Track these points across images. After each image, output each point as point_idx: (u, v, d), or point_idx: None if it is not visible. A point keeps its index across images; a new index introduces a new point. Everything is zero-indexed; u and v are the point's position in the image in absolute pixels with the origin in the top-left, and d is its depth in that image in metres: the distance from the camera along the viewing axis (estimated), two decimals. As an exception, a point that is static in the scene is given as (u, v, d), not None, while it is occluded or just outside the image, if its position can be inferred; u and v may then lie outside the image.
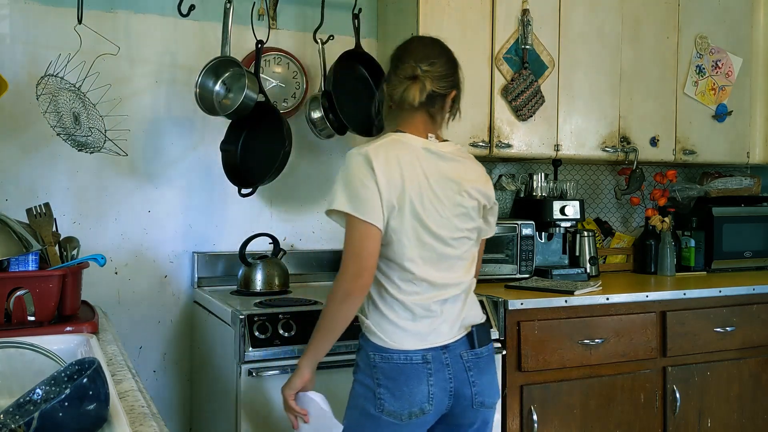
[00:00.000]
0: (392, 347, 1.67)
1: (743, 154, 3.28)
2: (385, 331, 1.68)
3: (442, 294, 1.71)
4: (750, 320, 2.78)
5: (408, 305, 1.68)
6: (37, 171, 2.43)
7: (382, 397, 1.66)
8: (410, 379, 1.65)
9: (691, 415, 2.66)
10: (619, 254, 3.38)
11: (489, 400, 1.75)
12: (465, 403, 1.71)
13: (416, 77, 1.70)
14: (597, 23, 2.91)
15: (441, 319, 1.70)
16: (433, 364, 1.67)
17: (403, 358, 1.66)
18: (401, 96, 1.70)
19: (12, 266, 1.75)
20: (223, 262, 2.66)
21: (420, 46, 1.77)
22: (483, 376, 1.73)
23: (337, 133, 2.64)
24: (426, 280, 1.69)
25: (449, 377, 1.69)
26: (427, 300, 1.69)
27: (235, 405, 2.05)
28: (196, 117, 2.60)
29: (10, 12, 2.39)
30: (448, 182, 1.71)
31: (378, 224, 1.63)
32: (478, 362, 1.73)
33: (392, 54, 1.80)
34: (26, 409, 1.10)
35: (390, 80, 1.75)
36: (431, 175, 1.69)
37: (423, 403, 1.65)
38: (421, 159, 1.69)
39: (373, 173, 1.62)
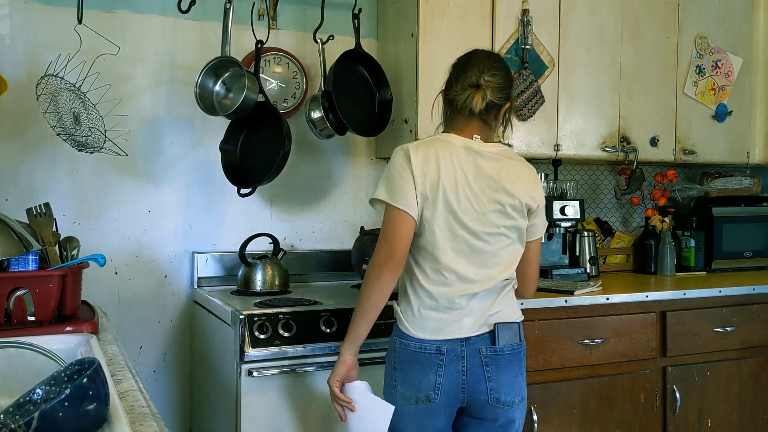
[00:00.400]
0: (411, 335, 1.78)
1: (743, 154, 3.28)
2: (408, 318, 1.80)
3: (470, 288, 1.77)
4: (750, 320, 2.78)
5: (434, 295, 1.76)
6: (37, 171, 2.43)
7: (397, 380, 1.79)
8: (420, 367, 1.75)
9: (691, 415, 2.66)
10: (619, 254, 3.38)
11: (505, 397, 1.78)
12: (481, 398, 1.77)
13: (479, 86, 1.80)
14: (597, 23, 2.91)
15: (464, 313, 1.77)
16: (447, 355, 1.74)
17: (418, 346, 1.76)
18: (464, 102, 1.81)
19: (12, 266, 1.74)
20: (223, 262, 2.66)
21: (484, 57, 1.87)
22: (502, 374, 1.77)
23: (337, 133, 2.64)
24: (455, 272, 1.76)
25: (462, 369, 1.75)
26: (453, 292, 1.76)
27: (235, 405, 2.05)
28: (196, 117, 2.60)
29: (10, 12, 2.39)
30: (486, 179, 1.79)
31: (411, 212, 1.74)
32: (498, 359, 1.77)
33: (455, 63, 1.91)
34: (26, 409, 1.10)
35: (451, 87, 1.86)
36: (469, 171, 1.78)
37: (429, 391, 1.74)
38: (460, 156, 1.78)
39: (410, 166, 1.75)
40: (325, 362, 2.10)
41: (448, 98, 1.88)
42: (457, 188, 1.76)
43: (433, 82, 2.61)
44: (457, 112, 1.84)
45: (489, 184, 1.78)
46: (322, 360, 2.10)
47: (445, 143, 1.80)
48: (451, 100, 1.85)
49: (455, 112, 1.85)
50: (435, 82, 2.60)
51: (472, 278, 1.77)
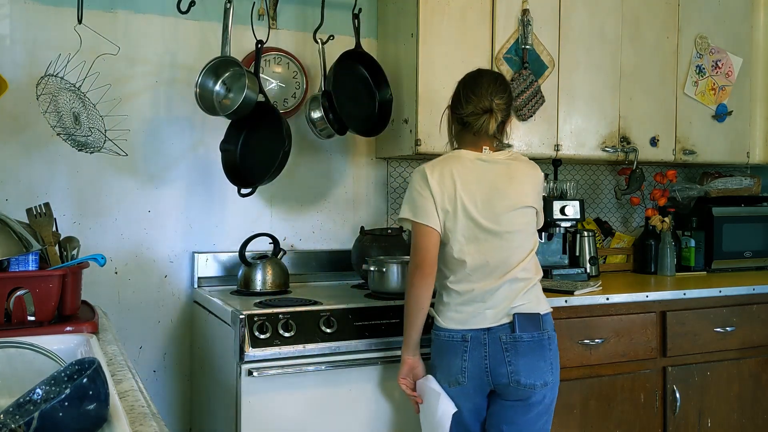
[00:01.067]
0: (442, 327, 1.99)
1: (743, 154, 3.28)
2: (440, 313, 2.01)
3: (492, 284, 1.95)
4: (750, 320, 2.78)
5: (461, 293, 1.97)
6: (37, 171, 2.43)
7: (435, 368, 2.01)
8: (449, 354, 1.96)
9: (691, 415, 2.66)
10: (619, 254, 3.38)
11: (525, 380, 1.93)
12: (503, 381, 1.94)
13: (492, 110, 1.97)
14: (597, 23, 2.91)
15: (487, 306, 1.95)
16: (471, 342, 1.94)
17: (447, 335, 1.97)
18: (480, 126, 1.98)
19: (12, 266, 1.74)
20: (223, 262, 2.66)
21: (492, 80, 2.03)
22: (521, 358, 1.93)
23: (337, 133, 2.64)
24: (479, 271, 1.95)
25: (485, 355, 1.94)
26: (478, 289, 1.95)
27: (235, 405, 2.05)
28: (196, 117, 2.60)
29: (10, 12, 2.39)
30: (497, 184, 1.97)
31: (433, 225, 1.95)
32: (517, 345, 1.94)
33: (463, 82, 2.06)
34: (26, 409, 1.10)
35: (460, 106, 2.01)
36: (484, 179, 1.97)
37: (457, 375, 1.95)
38: (475, 168, 1.98)
39: (428, 184, 1.95)
40: (326, 362, 2.10)
41: (458, 118, 2.03)
42: (474, 197, 1.95)
43: (433, 82, 2.61)
44: (467, 130, 2.02)
45: (501, 188, 1.97)
46: (322, 360, 2.10)
47: (458, 159, 1.99)
48: (464, 122, 2.01)
49: (466, 130, 2.03)
50: (435, 82, 2.60)
51: (494, 275, 1.96)
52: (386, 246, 2.63)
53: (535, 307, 1.98)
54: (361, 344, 2.14)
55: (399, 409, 2.21)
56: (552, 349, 1.99)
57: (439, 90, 2.61)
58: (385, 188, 2.97)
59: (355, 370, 2.14)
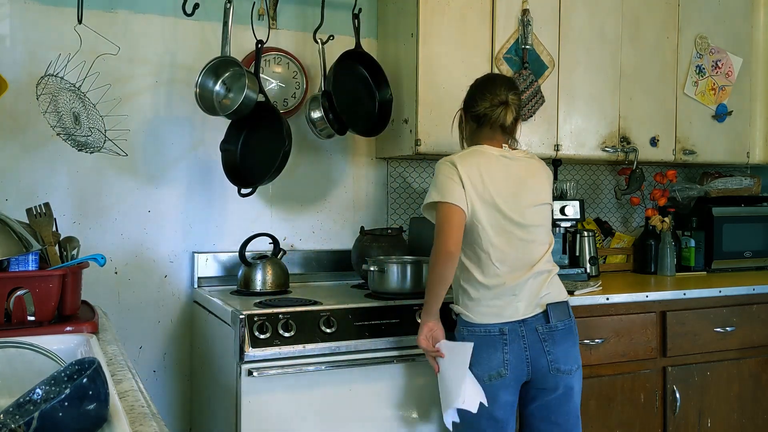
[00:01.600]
0: (475, 322, 2.01)
1: (743, 154, 3.28)
2: (470, 309, 2.03)
3: (520, 276, 2.01)
4: (750, 320, 2.78)
5: (490, 286, 2.00)
6: (37, 171, 2.43)
7: (470, 363, 1.97)
8: (488, 348, 1.99)
9: (691, 415, 2.66)
10: (619, 254, 3.37)
11: (564, 366, 2.02)
12: (543, 370, 2.01)
13: (508, 103, 2.07)
14: (597, 23, 2.91)
15: (518, 298, 2.00)
16: (509, 335, 1.99)
17: (484, 330, 2.00)
18: (497, 117, 2.07)
19: (12, 266, 1.74)
20: (223, 262, 2.66)
21: (504, 80, 2.17)
22: (557, 346, 2.02)
23: (337, 133, 2.64)
24: (506, 264, 2.00)
25: (524, 347, 1.99)
26: (506, 282, 2.00)
27: (235, 405, 2.05)
28: (196, 117, 2.60)
29: (10, 12, 2.39)
30: (520, 180, 2.06)
31: (461, 205, 1.98)
32: (553, 334, 2.02)
33: (476, 84, 2.16)
34: (26, 409, 1.10)
35: (476, 104, 2.10)
36: (509, 175, 2.05)
37: (499, 368, 1.98)
38: (499, 163, 2.05)
39: (458, 171, 1.99)
40: (325, 362, 2.10)
41: (474, 114, 2.11)
42: (501, 190, 2.01)
43: (433, 82, 2.61)
44: (484, 126, 2.10)
45: (523, 184, 2.05)
46: (322, 360, 2.10)
47: (482, 153, 2.06)
48: (479, 115, 2.09)
49: (482, 126, 2.11)
50: (435, 82, 2.60)
51: (520, 267, 2.02)
52: (386, 246, 2.63)
53: (560, 296, 2.08)
54: (361, 344, 2.14)
55: (399, 409, 2.21)
56: (577, 333, 2.11)
57: (439, 90, 2.62)
58: (385, 188, 2.97)
59: (355, 370, 2.14)
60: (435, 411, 2.25)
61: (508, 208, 2.01)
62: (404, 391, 2.21)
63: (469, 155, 2.06)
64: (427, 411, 2.25)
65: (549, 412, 2.06)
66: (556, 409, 2.06)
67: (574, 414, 2.08)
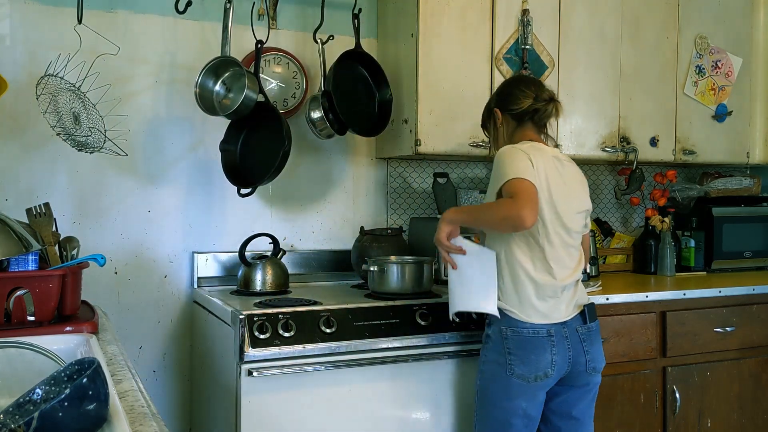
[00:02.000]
0: (523, 321, 1.99)
1: (743, 154, 3.28)
2: (517, 308, 2.00)
3: (566, 279, 2.02)
4: (750, 320, 2.78)
5: (540, 284, 1.99)
6: (37, 171, 2.43)
7: (512, 363, 1.99)
8: (537, 349, 1.98)
9: (691, 415, 2.66)
10: (619, 254, 3.37)
11: (599, 365, 2.09)
12: (580, 369, 2.04)
13: (554, 100, 2.11)
14: (597, 23, 2.91)
15: (561, 300, 2.02)
16: (555, 336, 2.00)
17: (532, 331, 1.99)
18: (549, 113, 2.10)
19: (12, 266, 1.74)
20: (223, 262, 2.66)
21: (535, 79, 2.24)
22: (593, 346, 2.07)
23: (337, 133, 2.64)
24: (558, 263, 2.01)
25: (568, 347, 2.01)
26: (556, 283, 2.00)
27: (235, 405, 2.05)
28: (196, 117, 2.60)
29: (10, 12, 2.39)
30: (570, 183, 2.06)
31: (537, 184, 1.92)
32: (590, 335, 2.06)
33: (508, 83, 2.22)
34: (26, 409, 1.10)
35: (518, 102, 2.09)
36: (563, 177, 2.03)
37: (546, 368, 1.99)
38: (554, 164, 2.03)
39: (531, 161, 1.95)
40: (325, 362, 2.10)
41: (516, 112, 2.10)
42: (558, 191, 2.00)
43: (433, 82, 2.61)
44: (526, 123, 2.11)
45: (571, 188, 2.06)
46: (322, 360, 2.10)
47: (540, 150, 2.02)
48: (523, 112, 2.09)
49: (523, 124, 2.11)
50: (435, 82, 2.60)
51: (568, 271, 2.03)
52: (386, 246, 2.63)
53: (586, 297, 2.13)
54: (360, 344, 2.14)
55: (399, 409, 2.21)
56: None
57: (439, 90, 2.62)
58: (385, 188, 2.97)
59: (354, 370, 2.14)
60: (435, 411, 2.25)
61: (561, 210, 2.00)
62: (404, 391, 2.21)
63: (533, 148, 2.01)
64: (427, 411, 2.25)
65: (570, 407, 2.09)
66: (575, 404, 2.09)
67: (591, 409, 2.13)
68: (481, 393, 2.07)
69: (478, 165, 3.12)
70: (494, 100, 2.20)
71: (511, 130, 2.14)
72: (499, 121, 2.15)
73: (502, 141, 2.16)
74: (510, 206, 1.86)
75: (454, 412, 2.28)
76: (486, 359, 2.06)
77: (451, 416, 2.28)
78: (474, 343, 2.26)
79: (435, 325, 2.23)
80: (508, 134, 2.14)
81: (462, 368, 2.28)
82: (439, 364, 2.25)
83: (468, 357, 2.27)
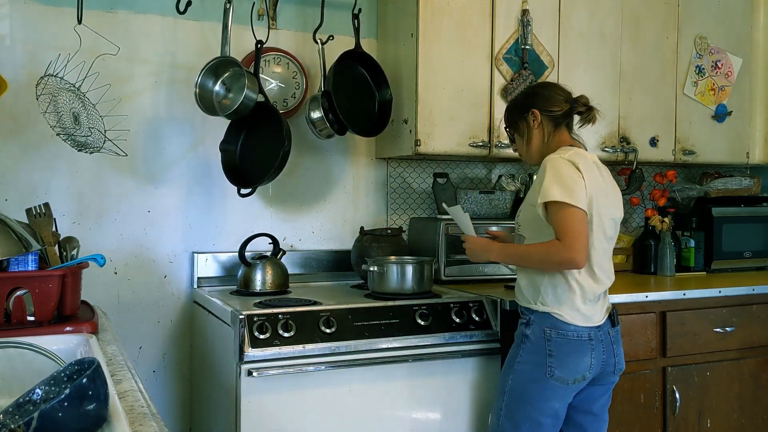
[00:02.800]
0: (569, 322, 1.99)
1: (743, 154, 3.28)
2: (563, 310, 2.00)
3: (606, 284, 2.06)
4: (750, 320, 2.78)
5: (585, 288, 2.00)
6: (37, 171, 2.43)
7: (553, 366, 1.99)
8: (578, 352, 2.00)
9: (691, 415, 2.66)
10: (619, 254, 3.37)
11: (623, 366, 2.13)
12: (609, 370, 2.07)
13: (593, 107, 2.14)
14: (597, 23, 2.91)
15: (599, 305, 2.06)
16: (594, 340, 2.02)
17: (576, 334, 2.00)
18: (593, 117, 2.14)
19: (12, 266, 1.74)
20: (222, 262, 2.66)
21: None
22: (619, 348, 2.11)
23: (337, 133, 2.64)
24: (602, 269, 2.03)
25: (603, 350, 2.04)
26: (599, 288, 2.03)
27: (235, 405, 2.05)
28: (196, 117, 2.60)
29: (10, 12, 2.39)
30: (608, 190, 2.07)
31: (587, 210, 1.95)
32: (617, 337, 2.11)
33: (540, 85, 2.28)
34: (26, 409, 1.10)
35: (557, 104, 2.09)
36: (603, 183, 2.05)
37: (585, 372, 2.01)
38: (596, 170, 2.05)
39: (580, 172, 1.96)
40: (325, 362, 2.10)
41: (556, 115, 2.09)
42: (602, 198, 2.01)
43: (433, 82, 2.61)
44: (562, 128, 2.11)
45: (609, 195, 2.07)
46: (322, 360, 2.10)
47: (584, 158, 2.03)
48: (564, 115, 2.10)
49: (559, 128, 2.11)
50: (435, 82, 2.60)
51: (609, 277, 2.07)
52: (386, 246, 2.63)
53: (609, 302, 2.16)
54: (360, 344, 2.14)
55: (399, 409, 2.21)
56: None
57: (439, 90, 2.61)
58: (384, 188, 2.97)
59: (354, 370, 2.14)
60: (434, 411, 2.25)
61: (605, 218, 2.02)
62: (403, 391, 2.21)
63: (578, 156, 2.01)
64: (426, 411, 2.25)
65: (590, 404, 2.11)
66: (595, 400, 2.12)
67: (608, 405, 2.17)
68: (514, 392, 2.05)
69: (478, 165, 3.12)
70: (531, 100, 2.13)
71: (548, 132, 2.11)
72: (537, 122, 2.10)
73: (538, 143, 2.12)
74: (562, 252, 1.91)
75: (453, 411, 2.28)
76: (522, 359, 2.05)
77: (451, 416, 2.28)
78: (474, 343, 2.26)
79: (435, 325, 2.24)
80: (546, 137, 2.11)
81: (462, 368, 2.28)
82: (439, 365, 2.25)
83: (468, 357, 2.27)
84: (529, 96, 2.16)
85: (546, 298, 2.03)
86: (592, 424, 2.13)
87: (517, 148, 2.20)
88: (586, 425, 2.12)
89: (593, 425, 2.13)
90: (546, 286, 2.02)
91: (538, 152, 2.12)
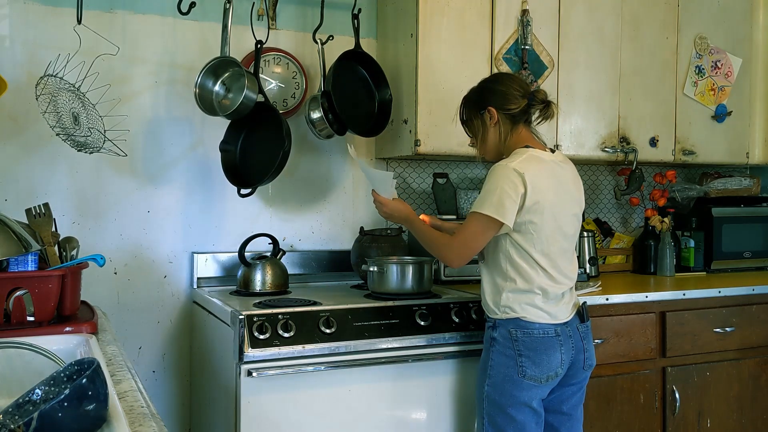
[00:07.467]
0: (533, 321, 2.00)
1: (743, 154, 3.28)
2: (526, 310, 2.00)
3: (568, 284, 2.06)
4: (749, 321, 2.78)
5: (546, 290, 2.00)
6: (37, 171, 2.43)
7: (524, 365, 1.99)
8: (548, 349, 2.00)
9: (690, 416, 2.66)
10: (619, 254, 3.37)
11: (593, 362, 2.13)
12: (578, 366, 2.08)
13: (551, 102, 2.09)
14: (597, 23, 2.91)
15: (563, 302, 2.05)
16: (562, 336, 2.02)
17: (541, 332, 2.00)
18: (551, 113, 2.08)
19: (11, 266, 1.74)
20: (222, 262, 2.66)
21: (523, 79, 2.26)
22: (589, 343, 2.12)
23: (337, 133, 2.64)
24: (559, 270, 2.02)
25: (572, 345, 2.04)
26: (559, 288, 2.03)
27: (235, 405, 2.05)
28: (196, 117, 2.60)
29: (10, 12, 2.39)
30: (567, 187, 2.06)
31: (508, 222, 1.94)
32: (587, 332, 2.12)
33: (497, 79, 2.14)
34: (25, 410, 1.10)
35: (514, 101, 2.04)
36: (560, 183, 2.03)
37: (557, 368, 2.01)
38: (552, 170, 2.02)
39: (524, 182, 1.93)
40: (325, 362, 2.10)
41: (512, 113, 2.05)
42: (554, 199, 1.99)
43: (432, 82, 2.61)
44: (519, 125, 2.07)
45: (568, 192, 2.06)
46: (322, 360, 2.09)
47: (540, 160, 2.00)
48: (522, 112, 2.05)
49: (517, 125, 2.07)
50: (435, 83, 2.60)
51: (569, 275, 2.07)
52: (386, 246, 2.62)
53: (578, 299, 2.16)
54: (360, 344, 2.14)
55: (398, 410, 2.21)
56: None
57: (439, 90, 2.61)
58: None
59: (354, 370, 2.14)
60: (434, 411, 2.25)
61: (560, 217, 2.01)
62: (404, 391, 2.21)
63: (530, 161, 1.98)
64: (426, 411, 2.25)
65: (561, 403, 2.11)
66: (567, 400, 2.12)
67: (581, 405, 2.17)
68: (491, 397, 2.03)
69: (477, 165, 3.12)
70: (485, 97, 2.08)
71: (506, 131, 2.07)
72: (494, 121, 2.06)
73: (495, 142, 2.09)
74: (446, 250, 2.04)
75: (453, 412, 2.28)
76: (494, 363, 2.03)
77: (451, 416, 2.28)
78: (474, 344, 2.26)
79: (435, 325, 2.24)
80: (503, 135, 2.07)
81: (462, 368, 2.28)
82: (438, 365, 2.25)
83: (468, 357, 2.27)
84: (485, 92, 2.10)
85: (508, 302, 2.02)
86: (565, 423, 2.13)
87: (473, 145, 2.18)
88: (558, 425, 2.12)
89: (566, 424, 2.13)
90: (507, 291, 2.02)
91: (495, 150, 2.11)
